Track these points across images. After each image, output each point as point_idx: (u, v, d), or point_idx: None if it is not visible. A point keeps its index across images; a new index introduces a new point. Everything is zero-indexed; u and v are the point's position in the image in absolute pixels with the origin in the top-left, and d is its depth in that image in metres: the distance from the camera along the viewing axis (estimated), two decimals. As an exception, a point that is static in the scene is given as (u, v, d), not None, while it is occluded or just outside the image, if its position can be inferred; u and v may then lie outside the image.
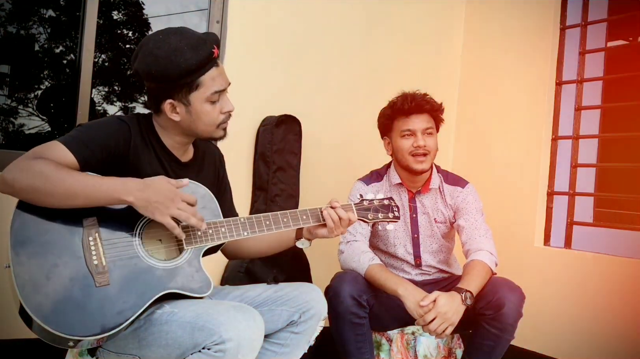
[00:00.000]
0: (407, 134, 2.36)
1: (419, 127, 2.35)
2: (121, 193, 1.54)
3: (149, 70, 1.66)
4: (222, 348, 1.52)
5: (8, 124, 2.87)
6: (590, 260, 2.80)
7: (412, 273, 2.46)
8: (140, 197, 1.55)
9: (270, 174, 2.89)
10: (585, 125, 3.09)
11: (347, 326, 2.19)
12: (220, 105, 1.74)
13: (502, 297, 2.12)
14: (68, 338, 1.47)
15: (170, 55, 1.64)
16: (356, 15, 3.22)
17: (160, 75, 1.65)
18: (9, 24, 2.80)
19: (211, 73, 1.70)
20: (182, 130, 1.76)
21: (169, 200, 1.57)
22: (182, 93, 1.69)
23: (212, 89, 1.70)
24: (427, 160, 2.36)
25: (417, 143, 2.33)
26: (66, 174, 1.51)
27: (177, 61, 1.63)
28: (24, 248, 1.50)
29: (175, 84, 1.67)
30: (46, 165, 1.50)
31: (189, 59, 1.64)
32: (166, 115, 1.72)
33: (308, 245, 1.95)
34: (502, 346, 2.18)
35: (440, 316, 2.06)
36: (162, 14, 3.16)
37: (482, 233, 2.34)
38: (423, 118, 2.36)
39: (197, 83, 1.68)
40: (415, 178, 2.42)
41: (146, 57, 1.66)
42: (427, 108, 2.36)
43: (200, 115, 1.72)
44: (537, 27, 3.15)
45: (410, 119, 2.36)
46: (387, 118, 2.42)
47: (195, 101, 1.70)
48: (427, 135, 2.36)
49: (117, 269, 1.57)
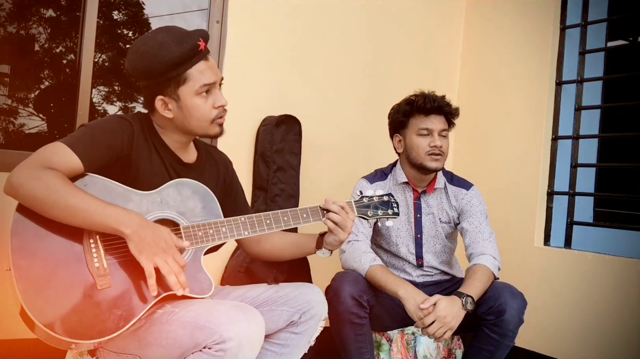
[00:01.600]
0: (424, 133, 2.36)
1: (437, 127, 2.36)
2: (120, 224, 1.52)
3: (135, 66, 1.69)
4: (222, 348, 1.52)
5: (8, 124, 2.87)
6: (590, 260, 2.80)
7: (414, 274, 2.46)
8: (136, 232, 1.53)
9: (270, 174, 2.89)
10: (585, 125, 3.09)
11: (347, 326, 2.18)
12: (212, 99, 1.74)
13: (504, 303, 2.11)
14: (70, 341, 1.47)
15: (155, 49, 1.65)
16: (356, 14, 3.22)
17: (147, 71, 1.67)
18: (9, 24, 2.80)
19: (199, 66, 1.70)
20: (177, 128, 1.76)
21: (161, 249, 1.54)
22: (171, 88, 1.69)
23: (201, 82, 1.70)
24: (442, 161, 2.37)
25: (435, 143, 2.34)
26: (71, 192, 1.51)
27: (161, 54, 1.65)
28: (24, 251, 1.50)
29: (163, 79, 1.67)
30: (54, 179, 1.50)
31: (173, 52, 1.65)
32: (160, 113, 1.73)
33: (329, 255, 1.95)
34: (501, 351, 2.18)
35: (439, 320, 2.05)
36: (162, 14, 3.16)
37: (485, 236, 2.33)
38: (441, 119, 2.38)
39: (185, 77, 1.68)
40: (423, 178, 2.42)
41: (133, 55, 1.69)
42: (447, 110, 2.38)
43: (191, 110, 1.71)
44: (537, 27, 3.15)
45: (429, 118, 2.36)
46: (403, 114, 2.41)
47: (184, 95, 1.70)
48: (442, 136, 2.37)
49: (118, 271, 1.57)
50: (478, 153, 3.39)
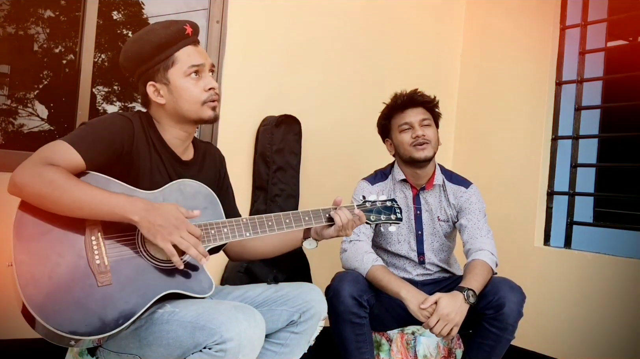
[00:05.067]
0: (405, 128, 2.40)
1: (416, 119, 2.39)
2: (127, 211, 1.54)
3: (126, 55, 1.76)
4: (223, 348, 1.52)
5: (8, 124, 2.87)
6: (590, 260, 2.81)
7: (414, 273, 2.46)
8: (145, 218, 1.54)
9: (270, 174, 2.89)
10: (585, 125, 3.09)
11: (347, 326, 2.19)
12: (203, 82, 1.76)
13: (502, 297, 2.13)
14: (70, 337, 1.47)
15: (143, 34, 1.75)
16: (356, 14, 3.22)
17: (135, 56, 1.74)
18: (8, 24, 2.80)
19: (187, 50, 1.75)
20: (171, 116, 1.77)
21: (174, 226, 1.56)
22: (160, 72, 1.73)
23: (189, 63, 1.74)
24: (429, 149, 2.37)
25: (416, 134, 2.37)
26: (75, 186, 1.52)
27: (148, 37, 1.72)
28: (26, 247, 1.50)
29: (152, 63, 1.72)
30: (57, 174, 1.51)
31: (159, 34, 1.72)
32: (154, 102, 1.76)
33: (315, 246, 1.94)
34: (502, 345, 2.19)
35: (443, 319, 2.06)
36: (162, 13, 3.15)
37: (483, 233, 2.35)
38: (418, 111, 2.41)
39: (173, 60, 1.73)
40: (419, 173, 2.43)
41: (125, 46, 1.77)
42: (420, 100, 2.42)
43: (181, 92, 1.74)
44: (537, 27, 3.15)
45: (406, 113, 2.41)
46: (384, 118, 2.48)
47: (174, 78, 1.74)
48: (424, 126, 2.40)
49: (119, 269, 1.57)
50: (478, 153, 3.39)
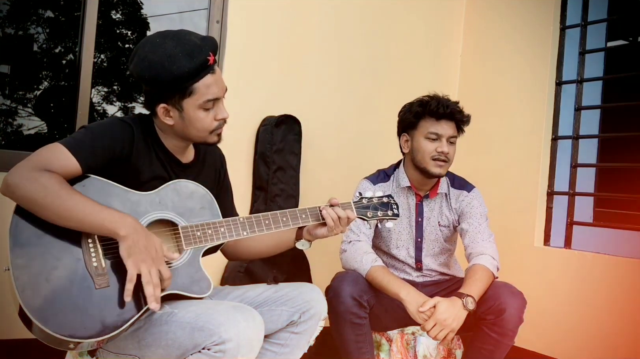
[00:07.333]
0: (433, 137, 2.32)
1: (447, 133, 2.32)
2: (116, 226, 1.53)
3: (142, 74, 1.65)
4: (222, 349, 1.52)
5: (7, 125, 2.87)
6: (590, 260, 2.80)
7: (413, 275, 2.46)
8: (131, 235, 1.53)
9: (270, 174, 2.89)
10: (585, 125, 3.09)
11: (347, 326, 2.18)
12: (215, 112, 1.72)
13: (503, 302, 2.11)
14: (68, 341, 1.47)
15: (164, 61, 1.62)
16: (356, 15, 3.22)
17: (153, 80, 1.64)
18: (8, 24, 2.80)
19: (206, 80, 1.66)
20: (176, 134, 1.75)
21: (151, 257, 1.54)
22: (175, 98, 1.67)
23: (206, 97, 1.68)
24: (445, 167, 2.34)
25: (442, 149, 2.30)
26: (67, 195, 1.51)
27: (170, 68, 1.61)
28: (23, 251, 1.50)
29: (168, 90, 1.66)
30: (51, 180, 1.50)
31: (182, 66, 1.62)
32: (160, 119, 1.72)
33: (308, 246, 1.94)
34: (501, 350, 2.17)
35: (439, 323, 2.05)
36: (161, 13, 3.15)
37: (485, 237, 2.33)
38: (451, 126, 2.34)
39: (191, 90, 1.66)
40: (426, 181, 2.40)
41: (141, 62, 1.65)
42: (458, 117, 2.35)
43: (193, 122, 1.70)
44: (537, 27, 3.15)
45: (440, 123, 2.32)
46: (414, 115, 2.36)
47: (188, 107, 1.68)
48: (450, 143, 2.34)
49: (116, 271, 1.57)
50: (478, 153, 3.38)
